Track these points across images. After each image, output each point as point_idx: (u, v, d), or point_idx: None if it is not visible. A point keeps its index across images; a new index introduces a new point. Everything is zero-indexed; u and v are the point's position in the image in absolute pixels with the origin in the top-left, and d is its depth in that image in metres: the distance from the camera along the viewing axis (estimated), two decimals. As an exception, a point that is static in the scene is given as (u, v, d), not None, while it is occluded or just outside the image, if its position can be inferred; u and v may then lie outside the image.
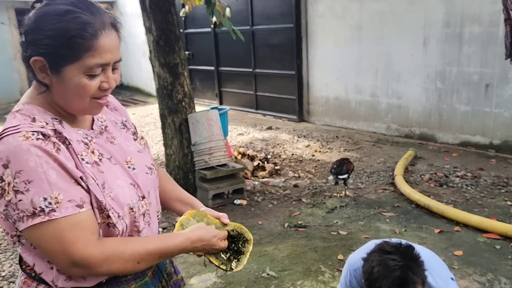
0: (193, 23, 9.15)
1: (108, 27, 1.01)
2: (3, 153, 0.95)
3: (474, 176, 4.43)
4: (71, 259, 0.97)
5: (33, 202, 0.94)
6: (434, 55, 5.52)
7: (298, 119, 7.36)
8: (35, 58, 0.98)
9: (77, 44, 0.97)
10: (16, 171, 0.94)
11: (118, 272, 1.05)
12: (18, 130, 0.96)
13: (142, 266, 1.07)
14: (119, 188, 1.07)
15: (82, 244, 0.97)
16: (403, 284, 1.53)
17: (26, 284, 1.09)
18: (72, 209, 0.97)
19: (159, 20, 4.07)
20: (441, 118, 5.61)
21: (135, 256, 1.04)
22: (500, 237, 3.18)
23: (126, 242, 1.06)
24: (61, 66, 0.99)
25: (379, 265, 1.58)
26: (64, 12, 0.97)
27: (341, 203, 4.01)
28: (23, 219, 0.95)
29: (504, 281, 2.71)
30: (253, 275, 2.87)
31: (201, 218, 1.26)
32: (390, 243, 1.67)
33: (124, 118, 1.28)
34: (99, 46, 0.99)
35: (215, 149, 4.16)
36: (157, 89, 4.28)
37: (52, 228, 0.95)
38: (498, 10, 4.54)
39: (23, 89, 10.97)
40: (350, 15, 6.35)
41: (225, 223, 1.28)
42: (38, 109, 1.04)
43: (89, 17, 0.98)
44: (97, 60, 1.00)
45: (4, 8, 10.33)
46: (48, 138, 0.97)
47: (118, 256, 1.02)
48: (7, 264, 3.22)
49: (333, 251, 3.15)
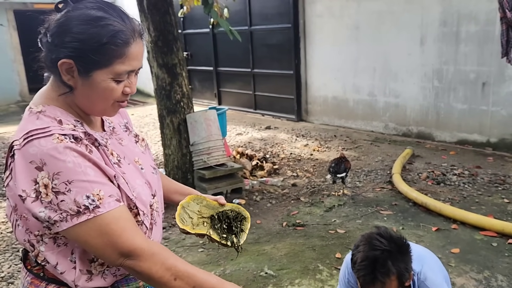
0: (191, 24, 9.17)
1: (137, 35, 1.04)
2: (36, 156, 0.95)
3: (471, 174, 4.45)
4: (119, 250, 0.98)
5: (77, 201, 0.95)
6: (431, 54, 5.54)
7: (297, 119, 7.39)
8: (64, 60, 0.99)
9: (109, 51, 0.99)
10: (54, 173, 0.95)
11: (154, 277, 1.01)
12: (50, 132, 0.97)
13: (176, 284, 1.02)
14: (139, 187, 1.10)
15: (130, 235, 0.99)
16: (375, 265, 1.53)
17: (33, 284, 1.09)
18: (114, 203, 0.99)
19: (157, 21, 4.08)
20: (439, 117, 5.63)
21: (175, 269, 1.01)
22: (497, 235, 3.20)
23: (170, 252, 1.06)
24: (91, 70, 1.00)
25: (365, 241, 1.61)
26: (97, 18, 0.99)
27: (339, 201, 4.03)
28: (67, 218, 0.96)
29: (501, 278, 2.73)
30: (251, 274, 2.89)
31: (201, 201, 1.33)
32: (389, 230, 1.67)
33: (125, 120, 1.30)
34: (130, 53, 1.02)
35: (214, 149, 4.18)
36: (156, 89, 4.30)
37: (98, 223, 0.97)
38: (494, 9, 4.56)
39: (22, 91, 10.99)
40: (347, 15, 6.37)
41: (222, 203, 1.35)
42: (60, 110, 1.05)
43: (121, 24, 1.01)
44: (126, 67, 1.02)
45: (3, 10, 10.34)
46: (80, 141, 1.00)
47: (162, 260, 1.01)
48: (6, 265, 3.23)
49: (331, 249, 3.17)
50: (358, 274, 1.61)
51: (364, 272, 1.57)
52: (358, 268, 1.59)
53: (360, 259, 1.58)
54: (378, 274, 1.54)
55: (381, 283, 1.55)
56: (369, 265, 1.55)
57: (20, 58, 10.73)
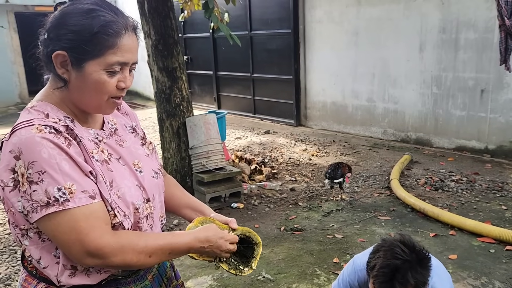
0: (192, 28, 9.21)
1: (130, 29, 1.06)
2: (15, 145, 0.96)
3: (469, 180, 4.46)
4: (86, 249, 0.98)
5: (47, 192, 0.96)
6: (430, 60, 5.57)
7: (296, 124, 7.40)
8: (58, 52, 1.01)
9: (101, 40, 1.01)
10: (29, 162, 0.95)
11: (131, 264, 1.05)
12: (31, 123, 0.99)
13: (152, 260, 1.07)
14: (126, 187, 1.09)
15: (98, 234, 0.99)
16: (394, 273, 1.51)
17: (27, 281, 1.11)
18: (86, 199, 0.99)
19: (157, 25, 4.11)
20: (437, 123, 5.65)
21: (147, 249, 1.05)
22: (495, 241, 3.20)
23: (139, 235, 1.08)
24: (83, 61, 1.01)
25: (387, 248, 1.57)
26: (89, 10, 1.02)
27: (337, 206, 4.03)
28: (37, 209, 0.96)
29: (498, 284, 2.73)
30: (249, 278, 2.89)
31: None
32: (413, 239, 1.63)
33: (134, 123, 1.31)
34: (122, 44, 1.03)
35: (213, 152, 4.18)
36: (155, 93, 4.31)
37: (67, 218, 0.97)
38: (493, 16, 4.60)
39: (22, 92, 11.00)
40: (347, 21, 6.40)
41: (234, 228, 1.29)
42: (51, 106, 1.06)
43: (113, 16, 1.03)
44: (118, 57, 1.03)
45: (4, 12, 10.37)
46: (60, 133, 1.00)
47: (132, 247, 1.03)
48: (3, 266, 3.22)
49: (329, 254, 3.17)
50: (374, 280, 1.58)
51: (382, 279, 1.54)
52: (376, 274, 1.56)
53: (380, 265, 1.54)
54: (397, 284, 1.51)
55: None
56: (389, 273, 1.52)
57: (20, 60, 10.75)
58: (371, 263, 1.60)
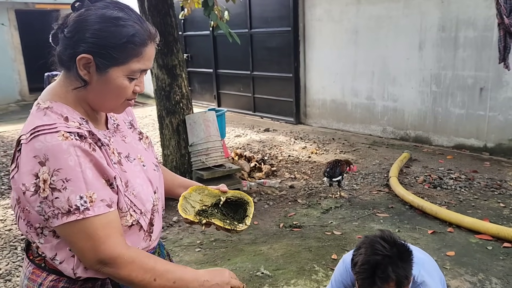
0: (192, 26, 9.22)
1: (152, 37, 1.10)
2: (40, 151, 0.97)
3: (468, 178, 4.47)
4: (99, 257, 1.00)
5: (70, 200, 0.97)
6: (429, 58, 5.58)
7: (295, 122, 7.42)
8: (83, 55, 1.02)
9: (128, 49, 1.04)
10: (55, 169, 0.96)
11: (134, 282, 1.05)
12: (56, 129, 0.99)
13: (156, 284, 1.06)
14: (139, 186, 1.12)
15: (113, 243, 1.01)
16: (375, 270, 1.53)
17: (34, 274, 1.11)
18: (104, 208, 1.01)
19: (157, 22, 4.12)
20: (436, 121, 5.67)
21: (155, 271, 1.06)
22: (492, 238, 3.22)
23: (150, 256, 1.09)
24: (108, 66, 1.04)
25: (368, 245, 1.60)
26: (118, 18, 1.04)
27: (336, 204, 4.05)
28: (58, 216, 0.98)
29: (495, 281, 2.75)
30: (248, 274, 2.91)
31: (202, 191, 1.37)
32: (393, 235, 1.65)
33: (131, 118, 1.34)
34: (145, 53, 1.08)
35: (212, 150, 4.20)
36: (155, 90, 4.33)
37: (86, 226, 0.99)
38: (492, 15, 4.61)
39: (22, 90, 11.02)
40: (346, 19, 6.41)
41: (224, 191, 1.39)
42: (67, 107, 1.07)
43: (140, 26, 1.07)
44: (141, 65, 1.08)
45: (4, 9, 10.38)
46: (84, 139, 1.01)
47: (141, 265, 1.04)
48: (3, 262, 3.24)
49: (327, 250, 3.19)
50: (357, 277, 1.61)
51: (363, 276, 1.56)
52: (357, 270, 1.59)
53: (361, 262, 1.57)
54: (377, 280, 1.53)
55: None
56: (369, 269, 1.54)
57: (20, 57, 10.76)
58: (354, 260, 1.63)
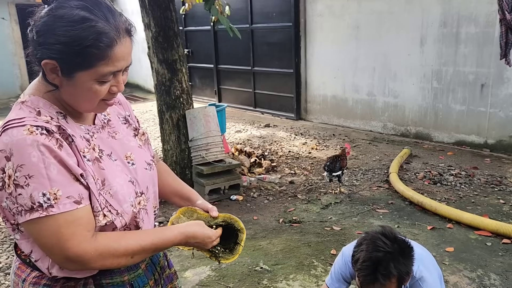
0: (193, 21, 9.19)
1: (123, 34, 1.01)
2: (7, 145, 0.96)
3: (468, 174, 4.47)
4: (65, 255, 0.99)
5: (32, 197, 0.95)
6: (430, 54, 5.56)
7: (296, 117, 7.41)
8: (47, 61, 0.98)
9: (91, 54, 0.97)
10: (18, 165, 0.95)
11: (112, 267, 1.07)
12: (23, 123, 0.97)
13: (135, 260, 1.09)
14: (118, 185, 1.08)
15: (77, 241, 0.99)
16: (377, 266, 1.53)
17: (20, 269, 1.12)
18: (70, 205, 0.99)
19: (158, 17, 4.11)
20: (437, 117, 5.66)
21: (128, 252, 1.06)
22: (492, 235, 3.22)
23: (120, 239, 1.07)
24: (73, 71, 0.99)
25: (369, 241, 1.60)
26: (80, 20, 0.96)
27: (336, 199, 4.05)
28: (21, 213, 0.97)
29: (494, 277, 2.75)
30: (247, 269, 2.92)
31: (191, 214, 1.30)
32: (394, 230, 1.66)
33: (127, 113, 1.29)
34: (113, 55, 1.00)
35: (212, 145, 4.20)
36: (155, 85, 4.32)
37: (50, 223, 0.97)
38: (494, 11, 4.58)
39: (23, 84, 10.99)
40: (348, 14, 6.39)
41: (214, 216, 1.30)
42: (43, 102, 1.05)
43: (105, 25, 0.98)
44: (110, 68, 1.01)
45: (5, 3, 10.35)
46: (51, 134, 0.98)
47: (112, 252, 1.04)
48: (3, 256, 3.26)
49: (326, 246, 3.19)
50: (358, 273, 1.61)
51: (365, 272, 1.56)
52: (359, 267, 1.59)
53: (363, 258, 1.57)
54: (379, 276, 1.53)
55: (381, 285, 1.55)
56: (371, 265, 1.54)
57: (21, 52, 10.73)
58: (355, 256, 1.63)
